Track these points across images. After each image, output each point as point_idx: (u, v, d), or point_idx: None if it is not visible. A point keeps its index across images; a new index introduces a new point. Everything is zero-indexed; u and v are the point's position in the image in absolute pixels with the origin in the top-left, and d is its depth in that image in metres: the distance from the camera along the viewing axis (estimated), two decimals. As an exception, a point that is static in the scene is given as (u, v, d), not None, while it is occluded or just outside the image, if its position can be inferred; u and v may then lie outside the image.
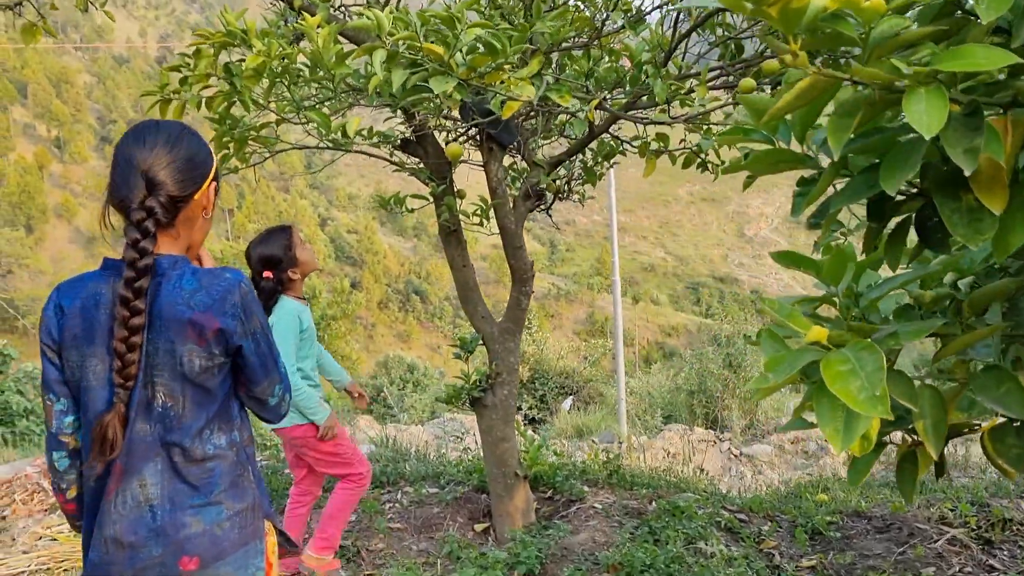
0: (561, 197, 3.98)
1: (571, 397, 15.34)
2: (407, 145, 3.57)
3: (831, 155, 1.23)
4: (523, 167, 3.97)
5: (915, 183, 1.25)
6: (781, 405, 12.46)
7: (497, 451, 3.82)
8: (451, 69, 2.21)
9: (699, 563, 3.35)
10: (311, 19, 2.41)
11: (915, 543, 3.61)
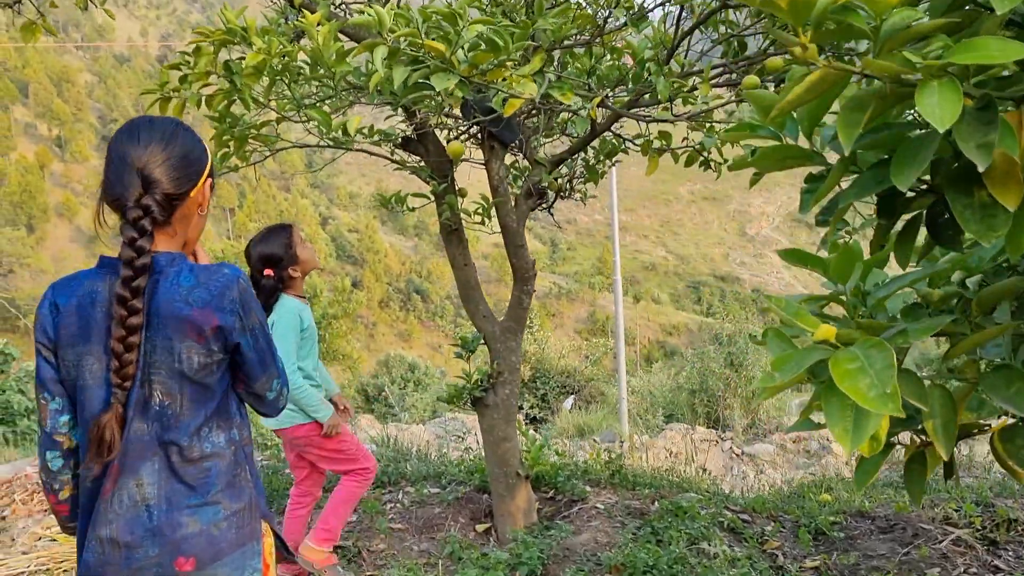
0: (563, 196, 3.96)
1: (572, 396, 15.33)
2: (408, 143, 3.55)
3: (840, 151, 1.21)
4: (525, 165, 3.95)
5: (925, 179, 1.23)
6: (783, 404, 12.45)
7: (499, 451, 3.80)
8: (453, 66, 2.19)
9: (702, 564, 3.33)
10: (311, 16, 2.39)
11: (919, 544, 3.59)
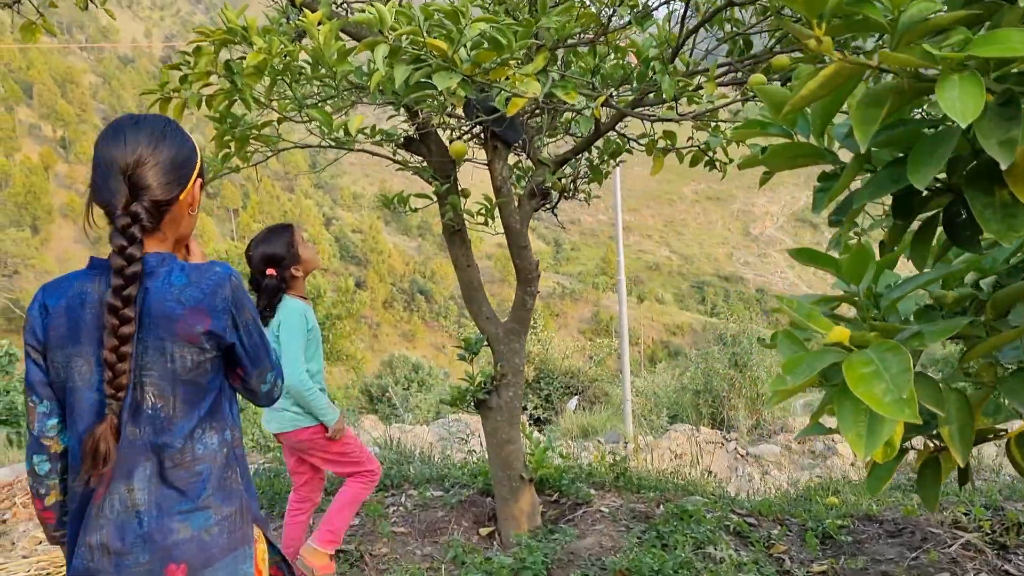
0: (567, 196, 3.93)
1: (576, 397, 15.30)
2: (410, 143, 3.52)
3: (854, 149, 1.17)
4: (528, 165, 3.91)
5: (941, 177, 1.19)
6: (788, 404, 12.41)
7: (502, 454, 3.77)
8: (455, 65, 2.16)
9: (708, 568, 3.29)
10: (312, 15, 2.36)
11: (928, 548, 3.54)
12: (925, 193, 1.21)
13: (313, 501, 3.40)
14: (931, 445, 1.79)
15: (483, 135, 3.52)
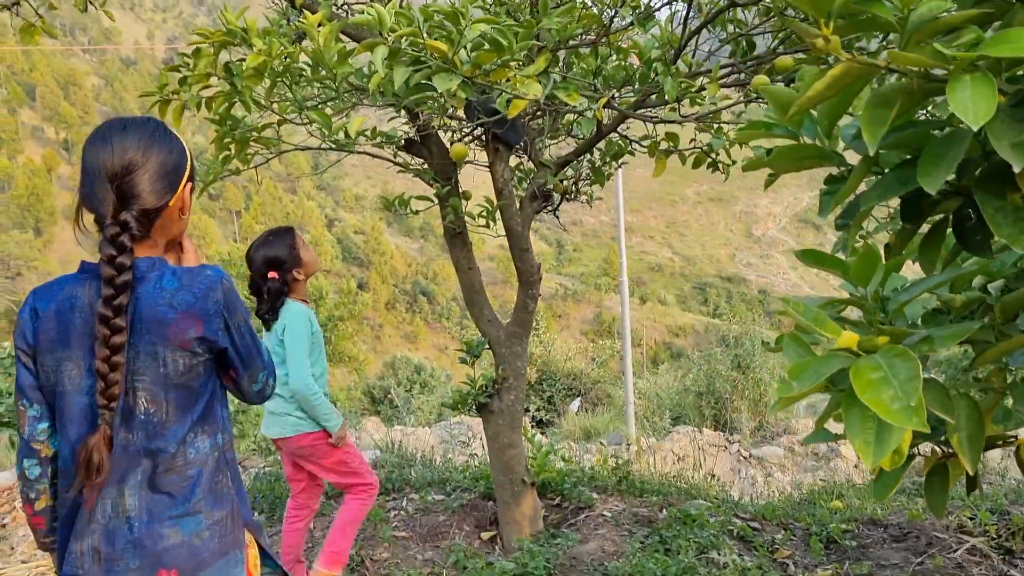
0: (568, 198, 3.90)
1: (579, 399, 15.27)
2: (411, 145, 3.50)
3: (861, 150, 1.15)
4: (530, 167, 3.89)
5: (950, 180, 1.16)
6: (791, 406, 12.35)
7: (504, 457, 3.74)
8: (455, 66, 2.13)
9: (711, 573, 3.26)
10: (311, 17, 2.34)
11: (934, 552, 3.51)
12: (934, 196, 1.18)
13: (311, 508, 3.36)
14: (939, 451, 1.76)
15: (484, 137, 3.50)
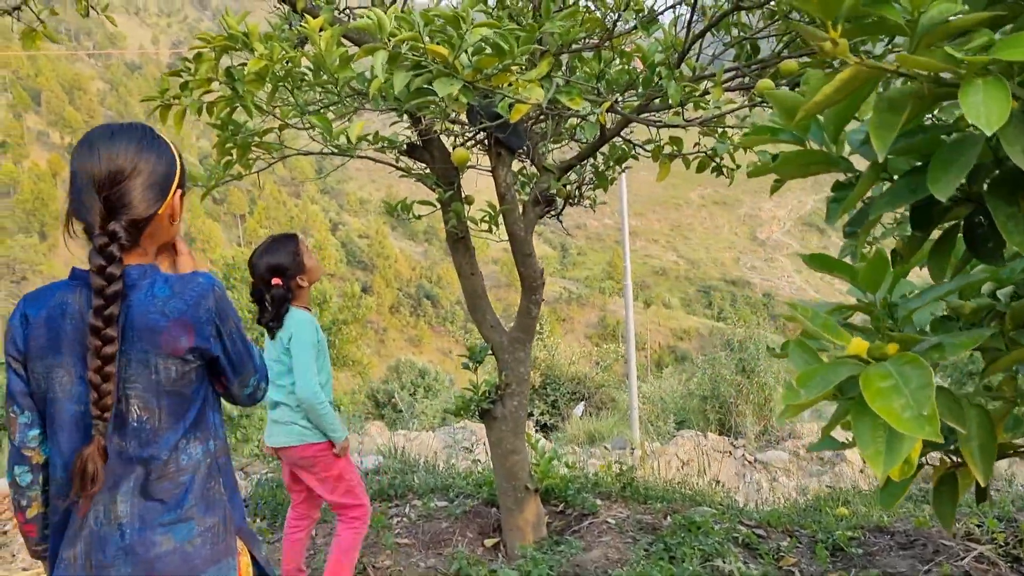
0: (572, 202, 3.88)
1: (583, 403, 15.24)
2: (413, 150, 3.48)
3: (870, 157, 1.12)
4: (533, 172, 3.87)
5: (961, 187, 1.14)
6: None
7: (507, 464, 3.72)
8: (456, 71, 2.11)
9: (717, 581, 3.23)
10: (313, 21, 2.32)
11: (941, 560, 3.47)
12: (945, 203, 1.16)
13: (312, 518, 3.32)
14: (947, 460, 1.73)
15: (487, 141, 3.48)
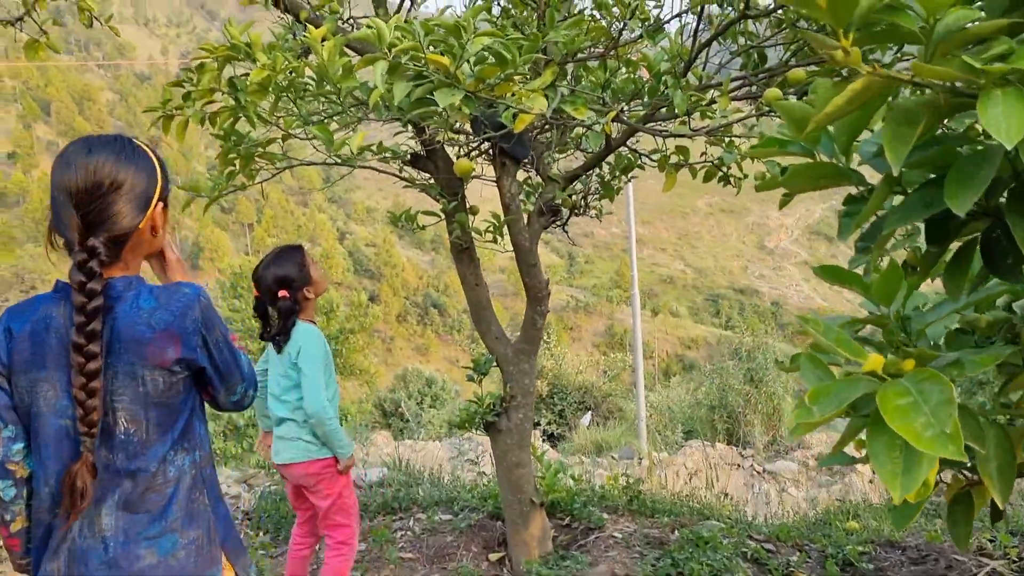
0: (577, 213, 3.84)
1: (590, 412, 15.17)
2: (417, 160, 3.45)
3: (881, 169, 1.08)
4: (538, 182, 3.84)
5: (979, 200, 1.09)
6: (805, 420, 12.20)
7: (512, 477, 3.67)
8: (458, 81, 2.08)
9: (725, 598, 3.18)
10: (315, 31, 2.30)
11: (954, 576, 3.41)
12: (961, 218, 1.11)
13: (317, 536, 3.26)
14: (962, 478, 1.69)
15: (491, 151, 3.45)
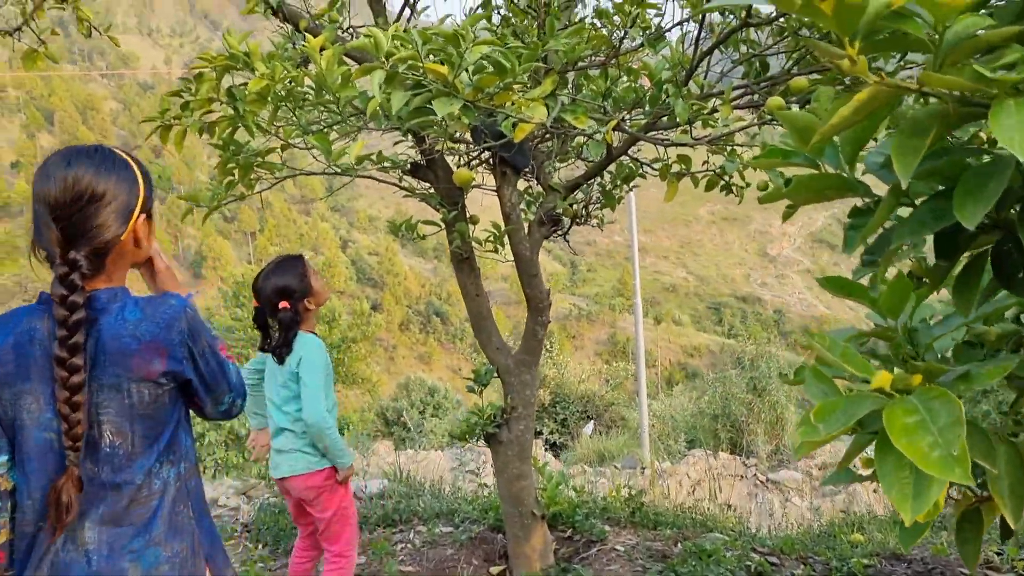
0: (579, 222, 3.82)
1: (592, 421, 15.12)
2: (417, 170, 3.43)
3: (888, 180, 1.05)
4: (539, 191, 3.81)
5: (989, 213, 1.06)
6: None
7: (513, 489, 3.63)
8: (456, 90, 2.06)
9: (729, 612, 3.13)
10: (313, 40, 2.28)
11: (961, 589, 3.37)
12: (971, 230, 1.08)
13: (319, 549, 3.23)
14: (971, 494, 1.65)
15: (492, 161, 3.43)
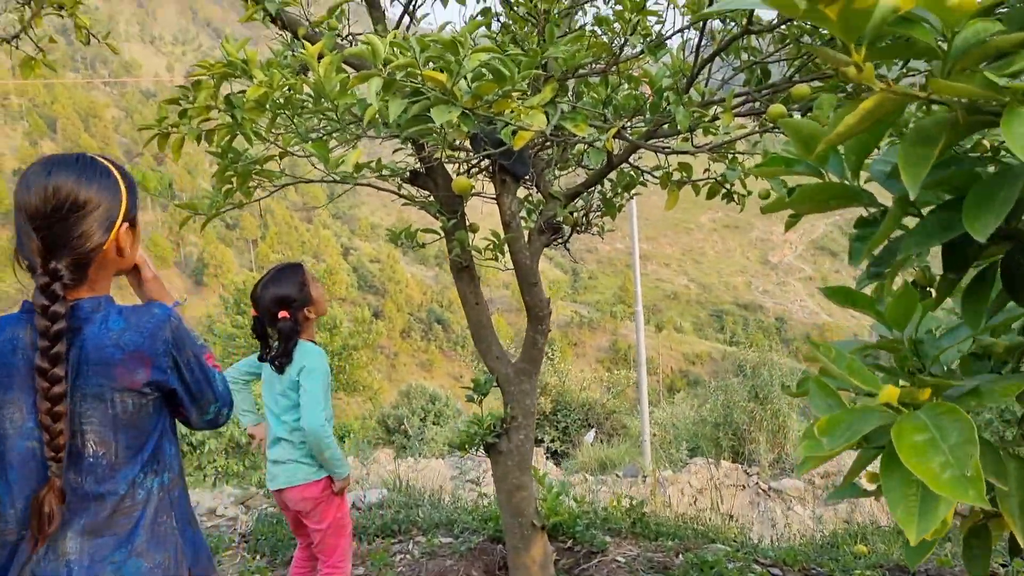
0: (579, 230, 3.79)
1: (593, 429, 15.08)
2: (416, 178, 3.40)
3: (894, 189, 1.02)
4: (539, 199, 3.79)
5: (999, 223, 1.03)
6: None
7: (513, 500, 3.60)
8: (455, 97, 2.03)
9: (732, 625, 3.10)
10: (311, 47, 2.26)
11: (967, 602, 3.32)
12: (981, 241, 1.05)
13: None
14: (979, 511, 1.62)
15: (491, 168, 3.41)
